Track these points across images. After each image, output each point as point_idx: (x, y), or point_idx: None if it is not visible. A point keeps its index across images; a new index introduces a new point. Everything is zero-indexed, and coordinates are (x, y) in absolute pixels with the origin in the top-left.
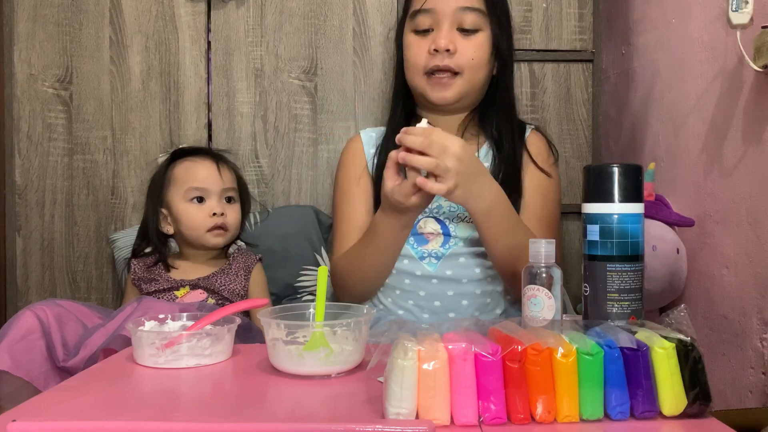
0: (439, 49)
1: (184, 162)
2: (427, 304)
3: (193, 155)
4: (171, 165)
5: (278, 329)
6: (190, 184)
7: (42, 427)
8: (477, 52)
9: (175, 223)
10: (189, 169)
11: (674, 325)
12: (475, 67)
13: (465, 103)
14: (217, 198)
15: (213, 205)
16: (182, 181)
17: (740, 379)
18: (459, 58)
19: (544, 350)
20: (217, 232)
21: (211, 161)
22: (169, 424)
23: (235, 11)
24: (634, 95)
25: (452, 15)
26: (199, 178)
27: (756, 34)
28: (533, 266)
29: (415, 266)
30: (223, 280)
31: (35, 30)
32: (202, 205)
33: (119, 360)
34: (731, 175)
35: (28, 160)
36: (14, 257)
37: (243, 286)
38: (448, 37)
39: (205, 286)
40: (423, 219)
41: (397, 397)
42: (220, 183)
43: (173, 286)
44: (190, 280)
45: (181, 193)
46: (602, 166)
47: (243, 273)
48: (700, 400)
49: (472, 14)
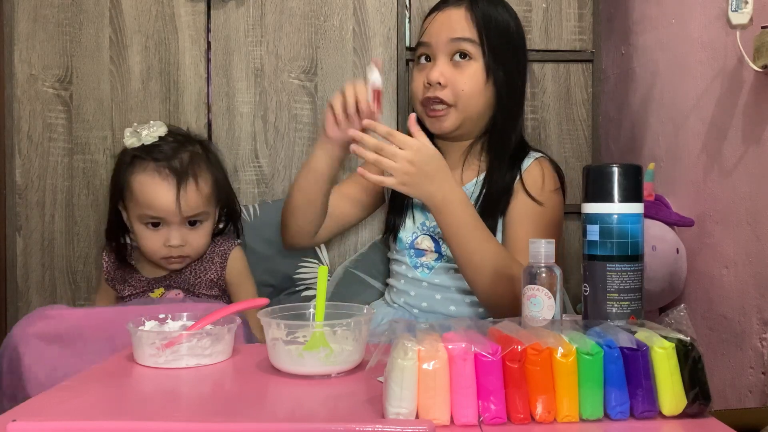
0: (431, 82)
1: (143, 175)
2: (416, 304)
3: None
4: (130, 169)
5: (278, 329)
6: (143, 210)
7: (42, 427)
8: (468, 83)
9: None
10: (145, 190)
11: (674, 325)
12: (467, 97)
13: (465, 131)
14: (178, 225)
15: (170, 233)
16: (136, 199)
17: (740, 379)
18: (450, 90)
19: (544, 350)
20: (175, 260)
21: (170, 184)
22: (169, 424)
23: (235, 11)
24: (633, 95)
25: (445, 46)
26: (154, 205)
27: (756, 34)
28: (533, 266)
29: (409, 271)
30: (197, 270)
31: (35, 30)
32: (158, 230)
33: (119, 360)
34: (731, 175)
35: (28, 160)
36: (14, 257)
37: (219, 275)
38: (440, 70)
39: (179, 283)
40: (420, 236)
41: (397, 397)
42: (178, 213)
43: (147, 287)
44: (162, 276)
45: (135, 213)
46: (602, 166)
47: (219, 260)
48: (699, 400)
49: (465, 44)
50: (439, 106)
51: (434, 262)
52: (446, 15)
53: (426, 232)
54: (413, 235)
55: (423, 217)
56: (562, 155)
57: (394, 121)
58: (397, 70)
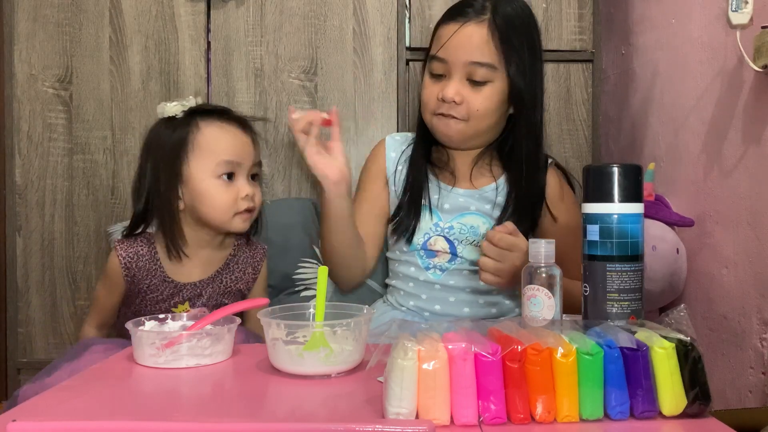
0: (447, 100)
1: (211, 126)
2: (428, 307)
3: (218, 117)
4: (191, 126)
5: (278, 329)
6: (222, 157)
7: (42, 427)
8: (484, 104)
9: (193, 201)
10: (219, 136)
11: (674, 325)
12: (480, 116)
13: (475, 143)
14: (246, 175)
15: (243, 185)
16: (211, 150)
17: (740, 379)
18: (465, 108)
19: (544, 350)
20: (245, 216)
21: (240, 128)
22: (169, 424)
23: (235, 11)
24: (633, 95)
25: (463, 68)
26: (233, 150)
27: (756, 34)
28: (533, 266)
29: (420, 273)
30: (228, 279)
31: (35, 30)
32: (232, 183)
33: (119, 360)
34: (731, 175)
35: (28, 160)
36: (14, 257)
37: (248, 287)
38: (456, 89)
39: (207, 293)
40: (433, 237)
41: (397, 397)
42: (252, 157)
43: (170, 296)
44: (189, 283)
45: (210, 167)
46: (602, 167)
47: (251, 270)
48: (699, 400)
49: (482, 69)
50: (451, 119)
51: (448, 264)
52: (467, 33)
53: (440, 233)
54: (425, 236)
55: (436, 218)
56: (562, 155)
57: (393, 121)
58: (397, 70)
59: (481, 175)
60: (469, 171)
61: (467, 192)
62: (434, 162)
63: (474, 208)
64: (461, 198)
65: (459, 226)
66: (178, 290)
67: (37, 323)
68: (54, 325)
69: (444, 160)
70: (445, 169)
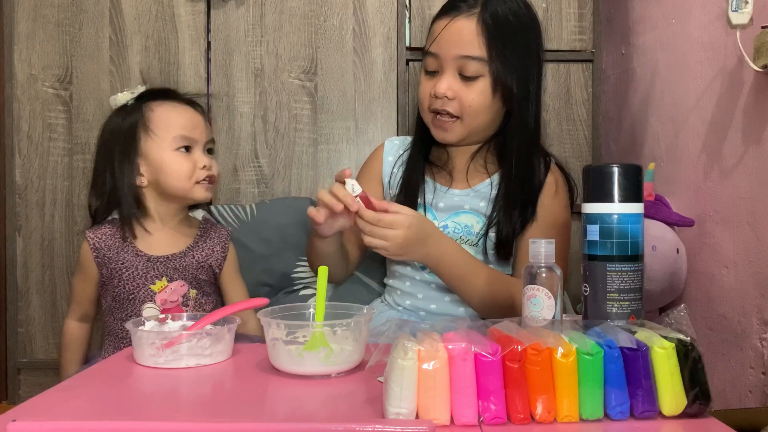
0: (438, 95)
1: (163, 105)
2: (424, 306)
3: (167, 97)
4: (145, 106)
5: (278, 329)
6: (178, 132)
7: (42, 427)
8: (476, 99)
9: (155, 174)
10: (172, 115)
11: (674, 325)
12: (474, 112)
13: (471, 140)
14: (202, 149)
15: (200, 156)
16: (166, 125)
17: (740, 379)
18: (457, 103)
19: (544, 350)
20: (206, 185)
21: (191, 107)
22: (169, 424)
23: (235, 11)
24: (633, 95)
25: (453, 62)
26: (187, 125)
27: (756, 34)
28: (533, 266)
29: (416, 273)
30: (200, 254)
31: (35, 30)
32: (189, 155)
33: (119, 360)
34: (731, 175)
35: (28, 160)
36: (14, 257)
37: (219, 263)
38: (447, 84)
39: (182, 266)
40: None
41: (397, 397)
42: (206, 133)
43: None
44: (162, 256)
45: (167, 141)
46: (602, 166)
47: (219, 248)
48: (699, 400)
49: (473, 62)
50: (445, 117)
51: None
52: (457, 27)
53: None
54: None
55: (431, 217)
56: (562, 155)
57: (393, 121)
58: (397, 70)
59: (476, 173)
60: (466, 168)
61: (462, 192)
62: (433, 161)
63: (468, 207)
64: (456, 198)
65: (453, 225)
66: (152, 264)
67: (37, 323)
68: (54, 325)
69: (443, 159)
70: (444, 169)
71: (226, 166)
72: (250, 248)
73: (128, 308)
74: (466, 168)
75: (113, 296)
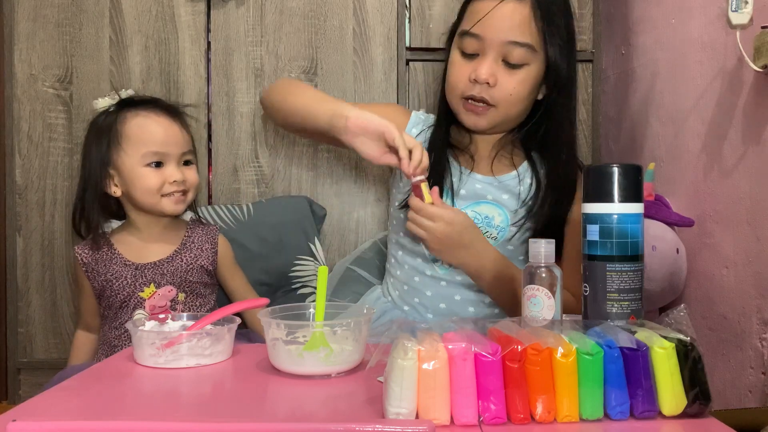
0: (479, 81)
1: (137, 117)
2: (432, 305)
3: (145, 108)
4: (119, 117)
5: (278, 329)
6: (147, 148)
7: (42, 427)
8: (517, 88)
9: (126, 187)
10: (144, 128)
11: (674, 325)
12: (512, 102)
13: (501, 128)
14: (176, 162)
15: (172, 171)
16: (136, 141)
17: (740, 379)
18: (497, 91)
19: (544, 350)
20: (176, 197)
21: (169, 118)
22: (169, 424)
23: (235, 11)
24: (634, 95)
25: (499, 47)
26: (158, 140)
27: (756, 34)
28: (533, 266)
29: (426, 267)
30: (188, 257)
31: (35, 30)
32: (160, 170)
33: (119, 360)
34: (731, 175)
35: (28, 160)
36: (14, 257)
37: (211, 261)
38: (490, 70)
39: (170, 273)
40: None
41: (397, 397)
42: (180, 145)
43: (134, 278)
44: (149, 263)
45: (136, 157)
46: (602, 167)
47: (208, 246)
48: (699, 400)
49: (521, 49)
50: (480, 103)
51: None
52: (508, 10)
53: None
54: None
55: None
56: None
57: None
58: (397, 71)
59: (501, 163)
60: (490, 157)
61: (485, 179)
62: (454, 144)
63: (491, 197)
64: (478, 184)
65: (473, 214)
66: (140, 272)
67: (37, 323)
68: (54, 325)
69: (465, 143)
70: (465, 152)
71: (226, 166)
72: (247, 248)
73: (121, 316)
74: (490, 156)
75: (106, 306)
